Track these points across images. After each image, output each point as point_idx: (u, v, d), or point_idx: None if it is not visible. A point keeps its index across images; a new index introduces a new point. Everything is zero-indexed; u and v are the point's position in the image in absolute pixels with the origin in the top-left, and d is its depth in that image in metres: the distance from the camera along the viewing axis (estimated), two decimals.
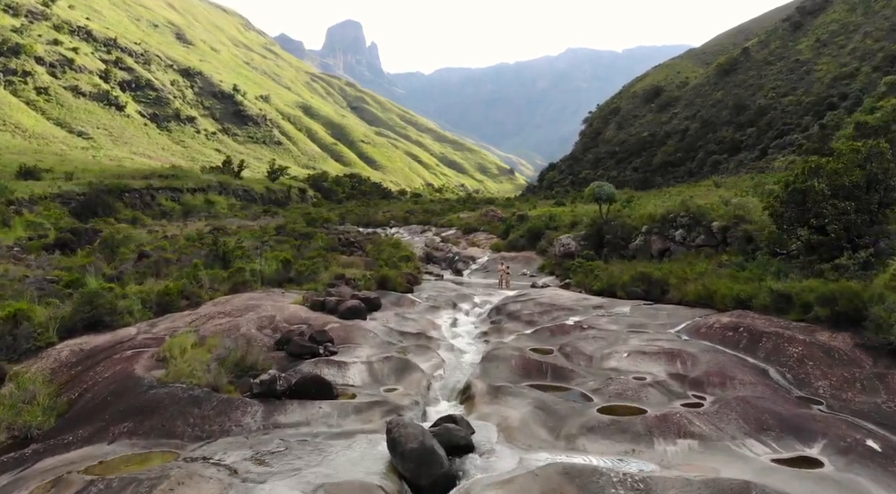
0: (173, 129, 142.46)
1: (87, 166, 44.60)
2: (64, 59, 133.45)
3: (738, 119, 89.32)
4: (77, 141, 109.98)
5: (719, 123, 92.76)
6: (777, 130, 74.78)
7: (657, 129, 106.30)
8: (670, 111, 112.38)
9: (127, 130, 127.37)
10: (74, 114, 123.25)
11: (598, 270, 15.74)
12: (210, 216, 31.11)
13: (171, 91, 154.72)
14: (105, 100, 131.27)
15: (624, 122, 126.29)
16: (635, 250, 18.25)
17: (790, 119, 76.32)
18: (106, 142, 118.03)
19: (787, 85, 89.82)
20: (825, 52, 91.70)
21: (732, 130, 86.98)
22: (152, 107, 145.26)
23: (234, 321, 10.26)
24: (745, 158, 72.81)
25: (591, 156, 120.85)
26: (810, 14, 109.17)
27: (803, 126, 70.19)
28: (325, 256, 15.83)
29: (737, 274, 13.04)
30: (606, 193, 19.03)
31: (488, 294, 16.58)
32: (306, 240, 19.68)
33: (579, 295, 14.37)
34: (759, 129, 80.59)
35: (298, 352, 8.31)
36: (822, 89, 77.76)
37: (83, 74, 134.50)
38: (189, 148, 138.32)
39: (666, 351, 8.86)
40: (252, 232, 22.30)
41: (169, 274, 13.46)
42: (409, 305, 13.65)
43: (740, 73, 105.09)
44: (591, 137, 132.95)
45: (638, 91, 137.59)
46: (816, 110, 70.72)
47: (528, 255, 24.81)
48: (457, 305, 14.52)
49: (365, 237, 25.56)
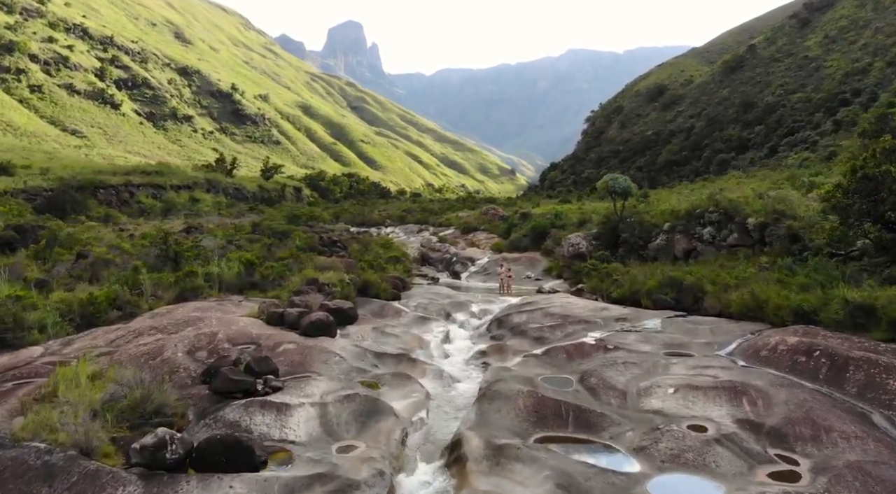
0: (170, 128, 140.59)
1: (71, 163, 42.56)
2: (59, 56, 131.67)
3: (746, 117, 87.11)
4: (70, 139, 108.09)
5: (726, 121, 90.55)
6: (787, 128, 72.51)
7: (661, 128, 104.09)
8: (675, 109, 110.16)
9: (122, 129, 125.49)
10: (68, 112, 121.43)
11: (616, 274, 13.47)
12: (192, 214, 28.94)
13: (168, 89, 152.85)
14: (100, 99, 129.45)
15: (627, 121, 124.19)
16: (656, 250, 15.99)
17: (800, 116, 74.08)
18: (100, 140, 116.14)
19: (796, 82, 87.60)
20: (834, 49, 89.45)
21: (739, 128, 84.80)
22: (149, 105, 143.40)
23: (162, 340, 8.03)
24: (755, 157, 70.48)
25: (593, 155, 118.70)
26: (818, 10, 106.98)
27: (814, 123, 67.94)
28: (298, 257, 13.62)
29: (787, 279, 10.78)
30: (622, 186, 16.73)
31: (488, 300, 14.34)
32: (282, 239, 17.47)
33: (596, 304, 12.11)
34: (768, 127, 78.40)
35: (226, 389, 6.08)
36: (833, 86, 75.47)
37: (78, 72, 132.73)
38: (185, 147, 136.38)
39: (725, 385, 6.62)
40: (224, 230, 20.06)
41: (107, 279, 11.24)
42: (394, 316, 11.40)
43: (747, 71, 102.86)
44: (594, 136, 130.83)
45: (641, 89, 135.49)
46: (828, 107, 68.46)
47: (532, 256, 22.55)
48: (451, 315, 12.26)
49: (352, 236, 23.32)
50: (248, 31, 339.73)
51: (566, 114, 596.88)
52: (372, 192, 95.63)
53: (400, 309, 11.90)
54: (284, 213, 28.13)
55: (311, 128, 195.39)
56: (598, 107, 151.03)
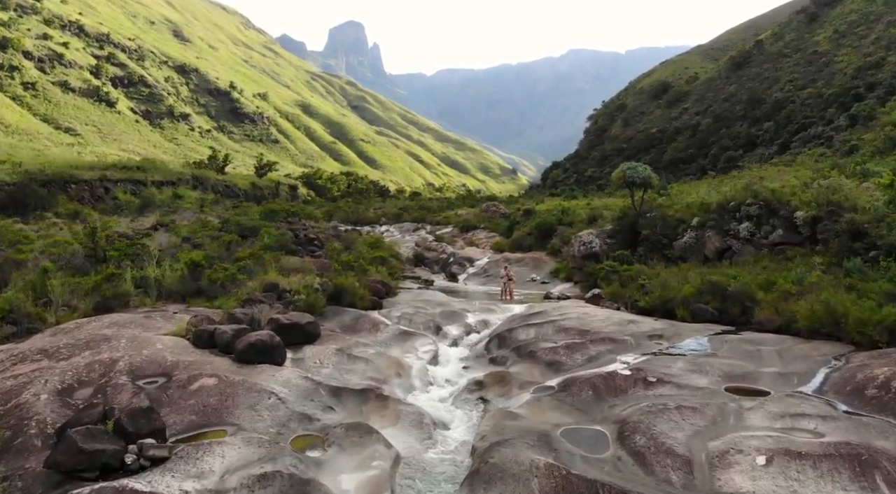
0: (166, 126, 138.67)
1: (56, 160, 40.41)
2: (53, 53, 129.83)
3: (754, 113, 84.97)
4: (63, 137, 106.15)
5: (733, 118, 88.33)
6: (798, 124, 70.23)
7: (667, 125, 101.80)
8: (680, 106, 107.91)
9: (117, 127, 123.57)
10: (62, 109, 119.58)
11: (643, 278, 11.16)
12: (170, 210, 26.82)
13: (165, 87, 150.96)
14: (95, 97, 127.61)
15: (631, 119, 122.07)
16: (683, 250, 13.72)
17: (811, 112, 71.87)
18: (94, 138, 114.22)
19: (806, 77, 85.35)
20: (845, 44, 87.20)
21: (747, 125, 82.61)
22: (145, 103, 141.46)
23: (38, 372, 5.80)
24: (765, 154, 68.13)
25: (596, 153, 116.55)
26: (826, 5, 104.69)
27: (827, 118, 65.68)
28: (261, 258, 11.39)
29: (862, 285, 8.54)
30: (641, 176, 14.37)
31: (488, 309, 12.08)
32: (249, 236, 15.19)
33: (620, 315, 9.85)
34: (777, 123, 76.26)
35: (72, 466, 3.84)
36: (845, 80, 73.22)
37: (73, 69, 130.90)
38: (182, 145, 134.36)
39: (840, 451, 4.39)
40: (190, 226, 17.81)
41: (14, 283, 9.04)
42: (370, 330, 9.16)
43: (754, 67, 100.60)
44: (597, 135, 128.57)
45: (645, 87, 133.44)
46: (841, 102, 66.24)
47: (537, 256, 20.30)
48: (441, 329, 10.00)
49: (335, 234, 20.96)
50: (249, 31, 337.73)
51: (567, 115, 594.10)
52: (370, 191, 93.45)
53: (379, 321, 9.65)
54: (263, 209, 25.87)
55: (310, 127, 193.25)
56: (601, 104, 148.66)
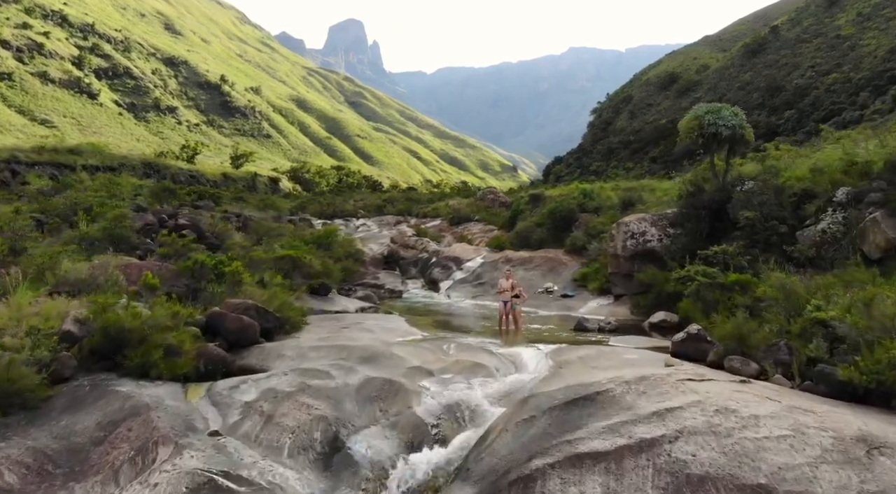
0: (151, 120, 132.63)
1: None
2: (33, 43, 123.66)
3: (773, 102, 79.03)
4: (37, 129, 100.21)
5: (750, 107, 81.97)
6: (825, 110, 64.25)
7: (677, 116, 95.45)
8: (691, 96, 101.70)
9: (98, 119, 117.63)
10: (40, 101, 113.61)
11: (813, 308, 5.07)
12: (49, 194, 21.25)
13: (152, 80, 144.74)
14: (76, 88, 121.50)
15: (637, 111, 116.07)
16: (818, 244, 7.82)
17: (839, 97, 65.96)
18: (72, 130, 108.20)
19: (829, 62, 79.34)
20: (870, 27, 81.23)
21: (766, 114, 76.49)
22: (130, 96, 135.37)
23: None
24: (789, 143, 62.34)
25: (601, 147, 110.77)
26: None
27: (860, 103, 59.71)
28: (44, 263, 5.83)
29: None
30: (730, 125, 8.42)
31: (472, 361, 6.12)
32: (71, 222, 9.60)
33: (783, 404, 3.99)
34: (801, 111, 70.26)
35: None
36: (875, 64, 67.33)
37: (53, 60, 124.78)
38: (168, 139, 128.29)
39: None
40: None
41: None
42: (112, 479, 3.25)
43: (770, 54, 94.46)
44: (601, 128, 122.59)
45: (651, 78, 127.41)
46: (875, 85, 60.29)
47: (552, 256, 14.36)
48: (340, 450, 3.98)
49: (242, 221, 14.92)
50: (244, 26, 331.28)
51: (568, 113, 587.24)
52: (362, 186, 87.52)
53: (164, 434, 3.68)
54: (154, 188, 20.20)
55: (304, 122, 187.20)
56: (605, 97, 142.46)
